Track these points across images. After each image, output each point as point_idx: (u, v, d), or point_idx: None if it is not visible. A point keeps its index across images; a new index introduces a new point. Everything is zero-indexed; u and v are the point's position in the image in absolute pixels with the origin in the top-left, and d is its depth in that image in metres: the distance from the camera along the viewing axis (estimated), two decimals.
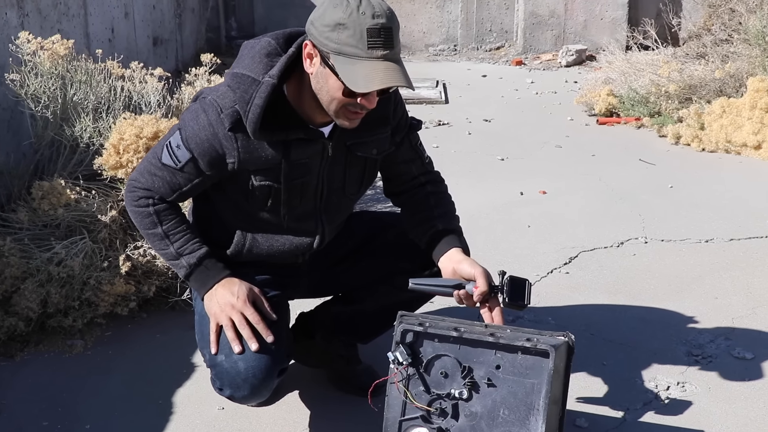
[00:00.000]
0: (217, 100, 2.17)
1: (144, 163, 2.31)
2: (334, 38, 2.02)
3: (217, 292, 2.27)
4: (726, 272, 3.57)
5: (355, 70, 2.01)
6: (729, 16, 6.30)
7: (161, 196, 2.28)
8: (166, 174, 2.25)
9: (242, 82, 2.14)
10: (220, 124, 2.16)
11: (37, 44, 3.38)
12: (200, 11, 7.47)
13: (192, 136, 2.19)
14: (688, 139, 5.17)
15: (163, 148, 2.25)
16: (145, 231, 2.31)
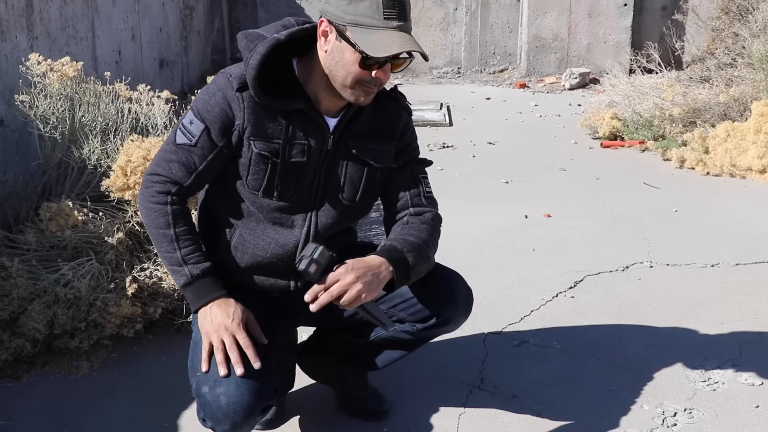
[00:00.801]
0: (227, 70, 2.26)
1: (158, 154, 2.30)
2: (350, 10, 2.11)
3: (212, 310, 2.22)
4: (732, 297, 3.57)
5: (373, 39, 2.10)
6: (733, 40, 6.33)
7: (178, 187, 2.25)
8: (181, 155, 2.25)
9: (251, 37, 2.23)
10: (228, 86, 2.21)
11: (47, 66, 3.40)
12: (206, 33, 7.51)
13: (203, 106, 2.23)
14: (693, 162, 5.18)
15: (176, 130, 2.26)
16: (156, 230, 2.25)
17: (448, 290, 2.43)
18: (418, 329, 2.46)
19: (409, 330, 2.48)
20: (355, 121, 2.33)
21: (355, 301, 2.18)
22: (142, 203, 2.28)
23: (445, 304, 2.42)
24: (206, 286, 2.24)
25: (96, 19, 4.82)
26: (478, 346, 3.19)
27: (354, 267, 2.18)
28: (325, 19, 2.16)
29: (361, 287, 2.17)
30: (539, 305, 3.52)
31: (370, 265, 2.21)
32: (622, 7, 7.41)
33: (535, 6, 7.46)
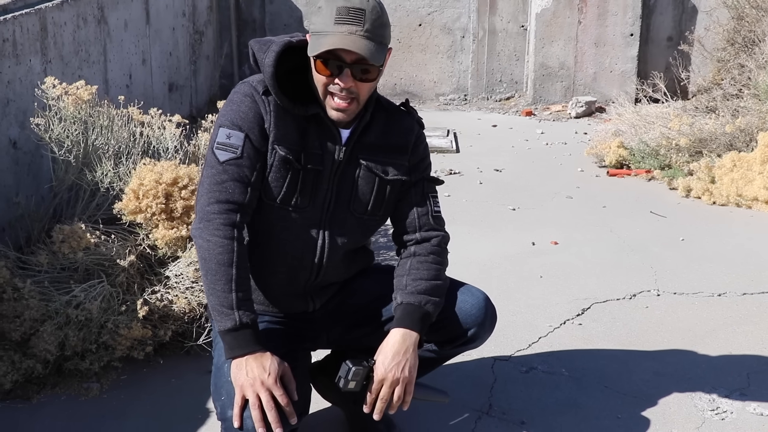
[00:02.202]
0: (247, 80, 2.32)
1: (205, 182, 2.25)
2: (313, 21, 2.24)
3: (248, 362, 2.15)
4: (739, 327, 3.58)
5: (318, 41, 2.18)
6: (738, 71, 6.37)
7: (241, 213, 2.22)
8: (232, 171, 2.23)
9: (263, 42, 2.30)
10: (254, 91, 2.26)
11: (62, 89, 3.44)
12: (215, 58, 7.57)
13: (235, 115, 2.25)
14: (699, 192, 5.20)
15: (213, 153, 2.24)
16: (217, 265, 2.18)
17: (477, 308, 2.48)
18: (444, 349, 2.51)
19: (434, 349, 2.52)
20: (367, 134, 2.38)
21: (407, 393, 2.29)
22: (204, 236, 2.21)
23: (473, 322, 2.46)
24: (249, 337, 2.18)
25: (108, 43, 4.87)
26: (486, 372, 3.20)
27: (388, 367, 2.27)
28: (308, 35, 2.27)
29: (406, 376, 2.28)
30: (547, 332, 3.53)
31: (398, 350, 2.29)
32: (629, 37, 7.46)
33: (542, 35, 7.52)
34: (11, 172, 3.60)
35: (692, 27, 7.56)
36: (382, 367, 2.28)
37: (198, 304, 3.18)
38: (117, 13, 5.03)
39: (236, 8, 7.78)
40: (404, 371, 2.28)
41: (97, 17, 4.67)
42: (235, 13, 7.77)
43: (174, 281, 3.25)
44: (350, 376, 2.29)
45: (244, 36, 7.86)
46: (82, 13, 4.45)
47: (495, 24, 7.74)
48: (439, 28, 7.79)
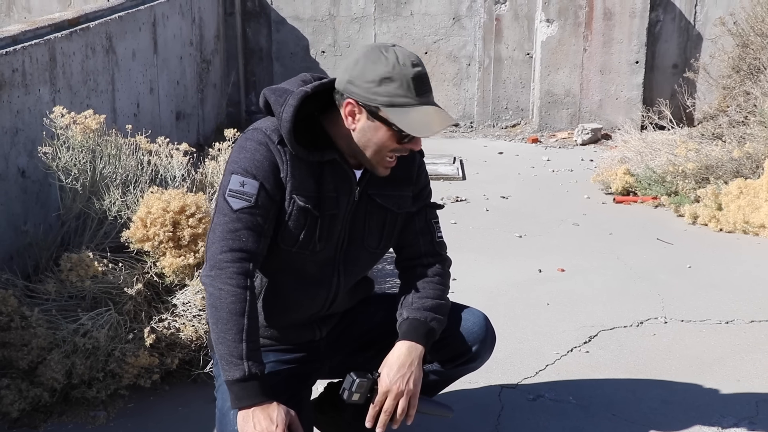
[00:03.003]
0: (258, 126, 2.28)
1: (217, 229, 2.22)
2: (382, 92, 2.16)
3: (255, 414, 2.14)
4: (748, 354, 3.57)
5: (411, 118, 2.17)
6: (744, 99, 6.38)
7: (253, 261, 2.20)
8: (246, 220, 2.20)
9: (278, 92, 2.27)
10: (268, 140, 2.23)
11: (70, 119, 3.46)
12: (222, 86, 7.61)
13: (249, 163, 2.22)
14: (706, 219, 5.20)
15: (225, 201, 2.22)
16: (229, 314, 2.16)
17: (478, 326, 2.53)
18: (447, 368, 2.53)
19: (436, 369, 2.54)
20: None
21: (411, 406, 2.31)
22: (215, 285, 2.18)
23: (475, 339, 2.51)
24: (257, 388, 2.16)
25: (116, 72, 4.90)
26: (493, 400, 3.19)
27: (393, 378, 2.30)
28: (353, 101, 2.20)
29: (411, 388, 2.31)
30: (554, 359, 3.52)
31: (403, 363, 2.31)
32: (634, 64, 7.49)
33: (548, 62, 7.55)
34: (20, 200, 3.62)
35: (697, 54, 7.58)
36: (387, 378, 2.30)
37: (205, 332, 3.19)
38: (125, 43, 5.08)
39: (243, 37, 7.84)
40: (409, 384, 2.30)
41: (105, 47, 4.71)
42: (242, 42, 7.82)
43: (181, 309, 3.26)
44: (354, 387, 2.29)
45: (251, 64, 7.91)
46: (91, 43, 4.48)
47: (501, 52, 7.78)
48: (445, 56, 7.83)
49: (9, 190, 3.54)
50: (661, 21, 7.59)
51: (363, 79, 2.17)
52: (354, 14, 7.74)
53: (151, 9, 5.66)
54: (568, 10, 7.44)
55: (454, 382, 2.70)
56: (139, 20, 5.38)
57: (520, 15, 7.69)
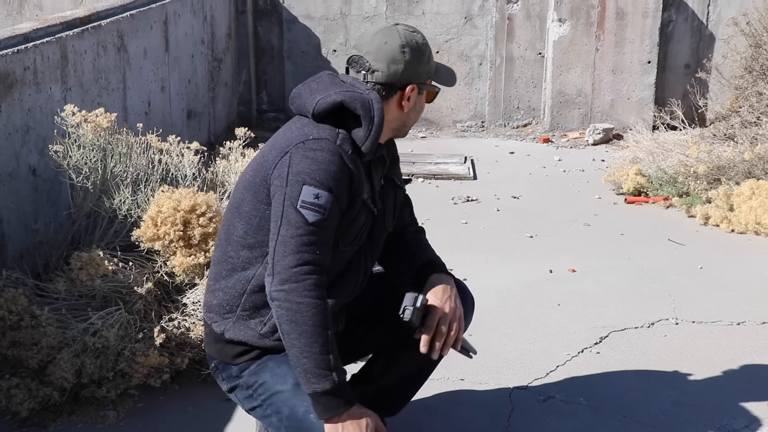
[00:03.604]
0: (320, 135, 2.27)
1: (290, 243, 2.19)
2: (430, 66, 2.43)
3: (345, 425, 2.18)
4: (759, 356, 3.55)
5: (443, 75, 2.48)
6: (757, 99, 6.34)
7: (325, 273, 2.22)
8: (321, 233, 2.20)
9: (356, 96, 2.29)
10: (341, 150, 2.26)
11: (82, 117, 3.47)
12: (233, 85, 7.61)
13: (324, 175, 2.21)
14: (717, 220, 5.17)
15: (298, 212, 2.19)
16: (313, 327, 2.16)
17: (460, 290, 2.56)
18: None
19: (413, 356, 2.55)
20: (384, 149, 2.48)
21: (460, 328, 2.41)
22: (293, 299, 2.17)
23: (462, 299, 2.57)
24: (345, 398, 2.19)
25: (127, 70, 4.91)
26: (503, 401, 3.18)
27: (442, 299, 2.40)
28: (414, 85, 2.38)
29: (460, 308, 2.43)
30: (565, 360, 3.51)
31: (445, 287, 2.44)
32: (646, 64, 7.46)
33: (560, 62, 7.52)
34: (30, 199, 3.62)
35: (710, 54, 7.55)
36: (436, 299, 2.39)
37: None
38: (137, 41, 5.08)
39: (255, 36, 7.84)
40: (457, 304, 2.42)
41: (116, 45, 4.72)
42: (253, 41, 7.82)
43: (191, 308, 3.26)
44: (419, 303, 2.33)
45: (262, 63, 7.91)
46: (102, 41, 4.49)
47: (512, 51, 7.76)
48: (457, 55, 7.82)
49: (20, 189, 3.54)
50: (674, 21, 7.56)
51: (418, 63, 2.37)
52: (366, 13, 7.73)
53: (163, 7, 5.66)
54: (581, 9, 7.42)
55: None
56: (150, 18, 5.39)
57: (532, 14, 7.67)
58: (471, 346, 2.52)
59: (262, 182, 2.30)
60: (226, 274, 2.39)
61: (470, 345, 2.52)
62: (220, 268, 2.42)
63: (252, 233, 2.33)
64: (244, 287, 2.36)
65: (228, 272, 2.39)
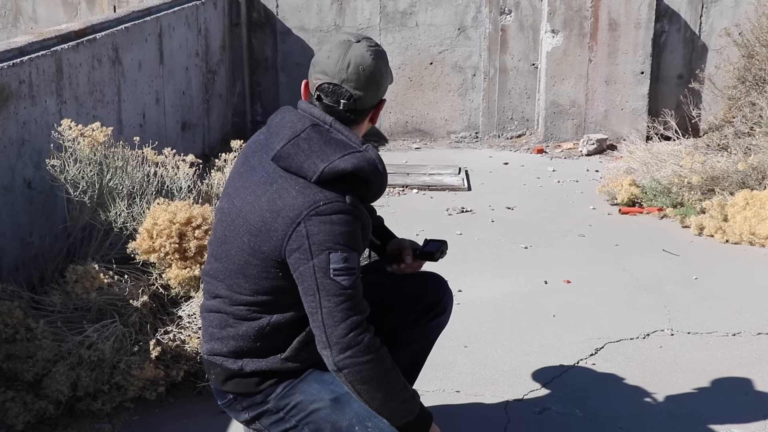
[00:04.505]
0: (330, 199, 2.24)
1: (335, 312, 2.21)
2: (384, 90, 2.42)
3: None
4: (755, 367, 3.55)
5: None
6: (750, 109, 6.37)
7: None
8: (357, 290, 2.24)
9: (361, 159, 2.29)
10: (354, 209, 2.27)
11: (78, 131, 3.47)
12: (227, 97, 7.62)
13: (347, 238, 2.22)
14: (712, 230, 5.18)
15: (333, 281, 2.20)
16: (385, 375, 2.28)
17: (439, 281, 2.81)
18: (422, 322, 2.73)
19: (411, 337, 2.73)
20: None
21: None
22: (360, 361, 2.22)
23: (441, 291, 2.79)
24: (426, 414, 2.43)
25: (122, 83, 4.91)
26: (499, 413, 3.18)
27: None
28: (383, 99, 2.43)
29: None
30: (560, 372, 3.51)
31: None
32: (639, 75, 7.48)
33: (553, 73, 7.55)
34: (26, 211, 3.62)
35: (702, 65, 7.58)
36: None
37: None
38: (131, 54, 5.09)
39: (249, 48, 7.85)
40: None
41: (111, 58, 4.72)
42: (247, 53, 7.83)
43: (187, 321, 3.26)
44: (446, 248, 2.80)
45: (257, 75, 7.92)
46: (97, 54, 4.49)
47: (506, 62, 7.78)
48: (450, 66, 7.84)
49: (15, 202, 3.54)
50: (666, 32, 7.59)
51: (389, 81, 2.39)
52: (360, 25, 7.75)
53: (158, 20, 5.67)
54: (573, 20, 7.45)
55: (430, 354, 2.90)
56: (145, 31, 5.39)
57: (525, 26, 7.70)
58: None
59: (272, 251, 2.26)
60: (234, 323, 2.37)
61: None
62: (225, 318, 2.39)
63: (262, 292, 2.33)
64: (260, 333, 2.36)
65: (236, 321, 2.37)
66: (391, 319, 2.68)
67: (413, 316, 2.72)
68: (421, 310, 2.73)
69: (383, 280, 2.73)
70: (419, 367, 2.88)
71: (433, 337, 2.83)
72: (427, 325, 2.76)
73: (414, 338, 2.75)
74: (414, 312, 2.72)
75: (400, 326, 2.71)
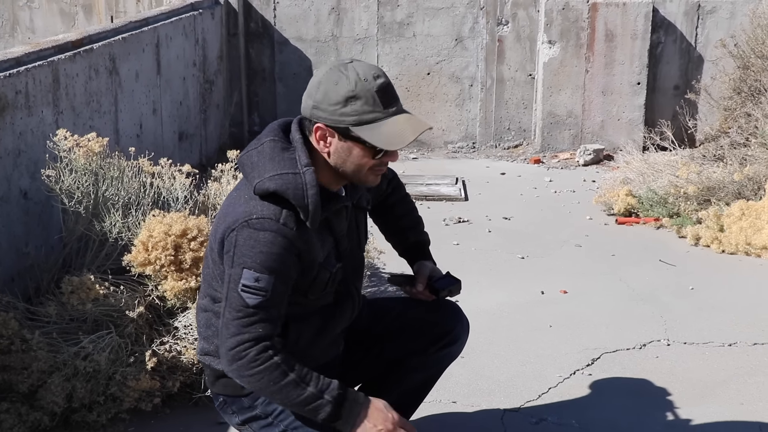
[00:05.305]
0: (264, 214, 2.19)
1: (231, 325, 2.19)
2: (349, 112, 2.15)
3: (370, 418, 2.22)
4: (751, 377, 3.55)
5: (383, 132, 2.16)
6: (745, 120, 6.37)
7: (271, 340, 2.20)
8: (262, 314, 2.18)
9: (287, 182, 2.19)
10: (285, 230, 2.18)
11: (74, 141, 3.47)
12: (224, 107, 7.63)
13: (266, 258, 2.16)
14: (708, 240, 5.19)
15: (240, 295, 2.17)
16: (275, 386, 2.18)
17: (455, 310, 2.74)
18: (430, 352, 2.66)
19: (418, 365, 2.67)
20: None
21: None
22: (244, 374, 2.19)
23: (453, 321, 2.70)
24: (347, 400, 2.23)
25: (119, 93, 4.92)
26: (496, 424, 3.18)
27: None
28: (322, 125, 2.19)
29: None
30: (557, 383, 3.51)
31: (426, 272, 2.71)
32: (636, 85, 7.50)
33: (550, 83, 7.56)
34: (21, 222, 3.62)
35: (698, 76, 7.59)
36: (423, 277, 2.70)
37: None
38: (128, 64, 5.09)
39: (246, 58, 7.86)
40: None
41: (108, 68, 4.73)
42: (245, 63, 7.84)
43: (182, 332, 3.26)
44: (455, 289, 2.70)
45: (254, 85, 7.93)
46: (94, 64, 4.50)
47: (503, 73, 7.79)
48: (448, 76, 7.85)
49: (11, 212, 3.54)
50: (663, 43, 7.61)
51: (328, 102, 2.16)
52: (357, 35, 7.76)
53: (155, 30, 5.68)
54: (570, 31, 7.47)
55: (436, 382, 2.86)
56: (142, 41, 5.40)
57: (522, 36, 7.72)
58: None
59: (218, 253, 2.29)
60: (216, 321, 2.37)
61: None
62: (209, 317, 2.41)
63: None
64: None
65: (217, 320, 2.36)
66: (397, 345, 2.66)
67: (422, 344, 2.66)
68: (430, 339, 2.67)
69: (394, 306, 2.74)
70: (425, 392, 2.83)
71: (442, 366, 2.78)
72: (435, 355, 2.70)
73: (420, 366, 2.70)
74: (423, 340, 2.66)
75: (408, 351, 2.66)
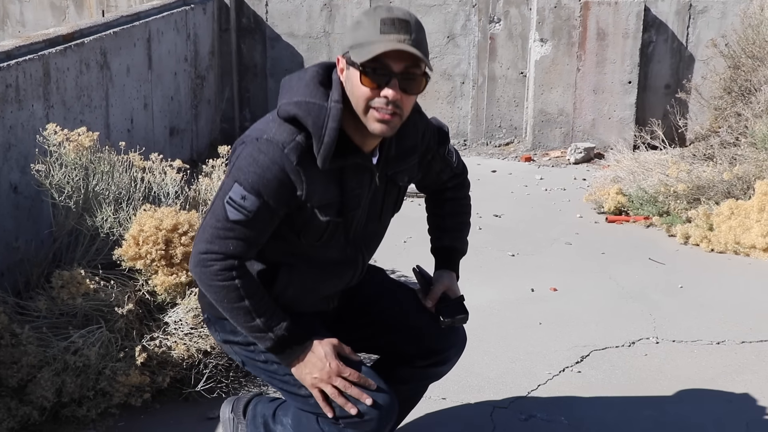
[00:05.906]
0: (274, 137, 2.19)
1: (208, 230, 2.22)
2: (353, 36, 2.16)
3: (306, 366, 2.28)
4: (738, 375, 3.57)
5: (365, 49, 2.11)
6: (735, 120, 6.40)
7: (239, 261, 2.22)
8: (238, 231, 2.20)
9: (311, 110, 2.17)
10: (285, 160, 2.17)
11: (64, 136, 3.46)
12: (216, 102, 7.62)
13: (257, 179, 2.17)
14: (697, 239, 5.21)
15: (224, 206, 2.20)
16: (228, 305, 2.22)
17: (453, 332, 2.67)
18: (417, 366, 2.64)
19: (407, 376, 2.65)
20: (390, 148, 2.37)
21: None
22: (205, 282, 2.24)
23: (448, 343, 2.65)
24: (290, 341, 2.27)
25: (110, 88, 4.91)
26: (485, 420, 3.19)
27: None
28: (340, 56, 2.20)
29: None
30: (546, 380, 3.52)
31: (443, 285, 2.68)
32: (627, 84, 7.52)
33: (541, 81, 7.58)
34: (11, 216, 3.61)
35: (689, 75, 7.62)
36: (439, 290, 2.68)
37: (197, 350, 3.18)
38: (119, 58, 5.08)
39: (238, 53, 7.85)
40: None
41: (99, 63, 4.72)
42: (236, 58, 7.84)
43: (173, 327, 3.25)
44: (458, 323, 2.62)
45: (246, 80, 7.92)
46: (85, 58, 4.49)
47: (495, 70, 7.80)
48: (439, 74, 7.86)
49: (1, 206, 3.53)
50: (654, 42, 7.63)
51: (347, 31, 2.20)
52: None
53: (146, 25, 5.67)
54: (562, 30, 7.48)
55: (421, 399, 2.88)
56: (134, 36, 5.39)
57: (514, 34, 7.73)
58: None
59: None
60: None
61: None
62: None
63: None
64: None
65: None
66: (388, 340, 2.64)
67: (410, 353, 2.63)
68: (418, 352, 2.63)
69: (402, 302, 2.67)
70: (412, 405, 2.85)
71: (427, 382, 2.78)
72: (422, 371, 2.68)
73: (407, 378, 2.66)
74: (413, 349, 2.62)
75: (396, 352, 2.64)
